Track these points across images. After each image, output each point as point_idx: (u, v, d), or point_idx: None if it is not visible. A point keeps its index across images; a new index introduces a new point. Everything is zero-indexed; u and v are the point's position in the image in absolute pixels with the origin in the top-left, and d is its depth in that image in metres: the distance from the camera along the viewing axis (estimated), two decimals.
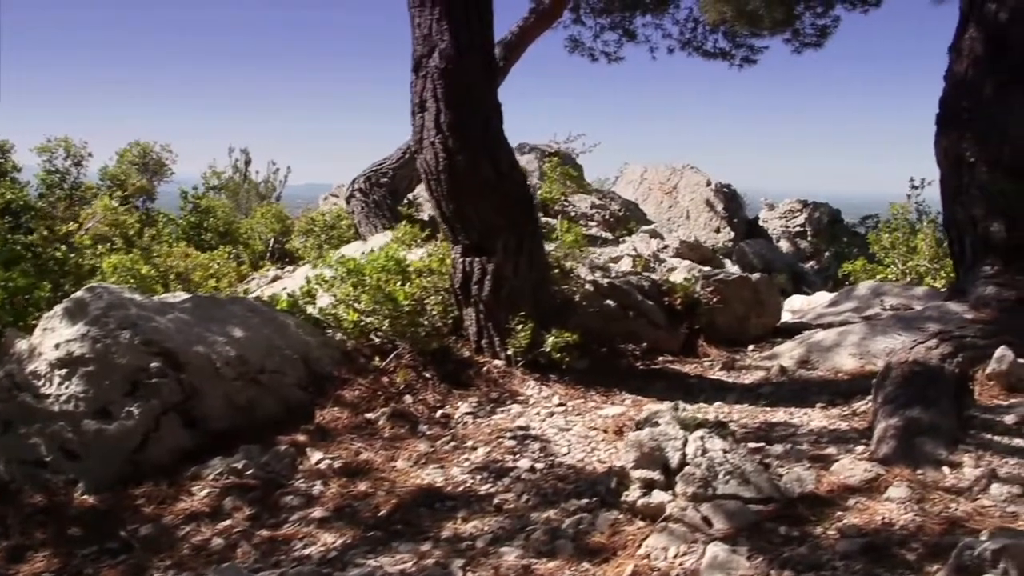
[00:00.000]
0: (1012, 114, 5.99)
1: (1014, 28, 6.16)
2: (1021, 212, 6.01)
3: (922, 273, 11.55)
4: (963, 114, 6.27)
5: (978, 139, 6.12)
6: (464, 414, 4.92)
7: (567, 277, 5.93)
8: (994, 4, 6.27)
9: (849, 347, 5.71)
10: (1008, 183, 6.02)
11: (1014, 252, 6.00)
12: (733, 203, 19.90)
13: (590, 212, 15.38)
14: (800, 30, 14.25)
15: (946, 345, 4.73)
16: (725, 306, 6.48)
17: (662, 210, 20.36)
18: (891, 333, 5.71)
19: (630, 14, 15.53)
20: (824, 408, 4.85)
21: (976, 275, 6.10)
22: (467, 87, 4.90)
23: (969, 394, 4.48)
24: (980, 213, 6.15)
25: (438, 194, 5.14)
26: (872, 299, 7.00)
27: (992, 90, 6.14)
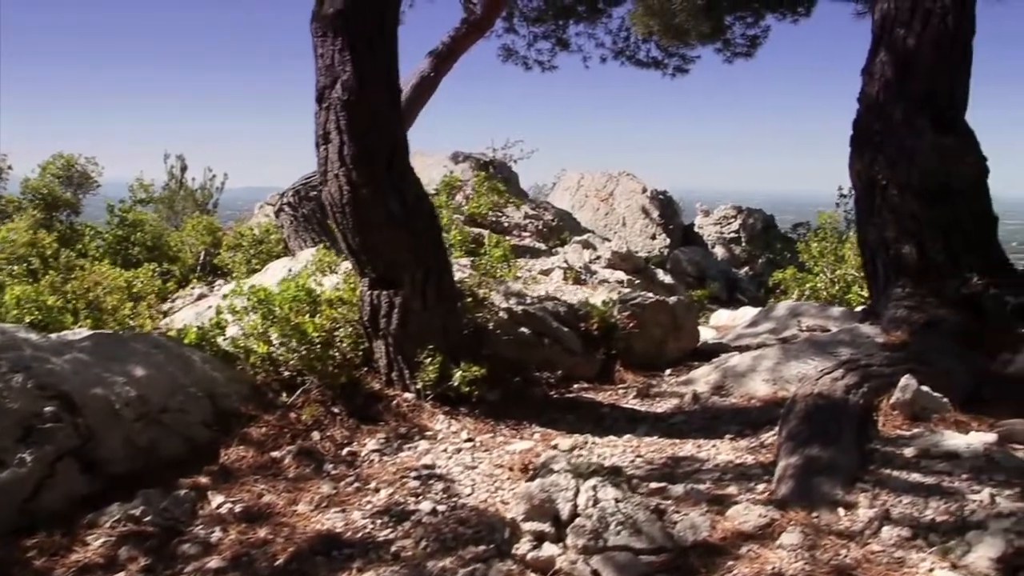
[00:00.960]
0: (920, 138, 6.04)
1: (921, 53, 6.23)
2: (931, 235, 6.07)
3: (849, 282, 11.67)
4: (875, 137, 6.32)
5: (889, 162, 6.17)
6: (371, 451, 4.83)
7: (481, 305, 5.88)
8: (903, 29, 6.33)
9: (763, 372, 5.72)
10: (918, 206, 6.08)
11: (925, 274, 6.06)
12: (668, 209, 20.03)
13: (523, 222, 15.33)
14: (731, 40, 14.39)
15: (852, 375, 4.75)
16: (642, 330, 6.47)
17: (598, 217, 20.44)
18: (804, 358, 5.73)
19: (563, 23, 15.58)
20: (733, 439, 4.84)
21: (889, 297, 6.16)
22: (371, 119, 4.82)
23: (873, 425, 4.50)
24: (892, 235, 6.21)
25: (343, 227, 5.06)
26: (790, 320, 7.04)
27: (902, 114, 6.20)
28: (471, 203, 12.66)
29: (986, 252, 6.20)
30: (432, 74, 13.51)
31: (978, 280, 5.96)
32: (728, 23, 14.10)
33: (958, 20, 6.28)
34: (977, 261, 6.06)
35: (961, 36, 6.34)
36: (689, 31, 11.82)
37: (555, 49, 16.06)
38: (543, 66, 16.31)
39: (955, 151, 6.07)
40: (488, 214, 13.06)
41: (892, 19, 6.42)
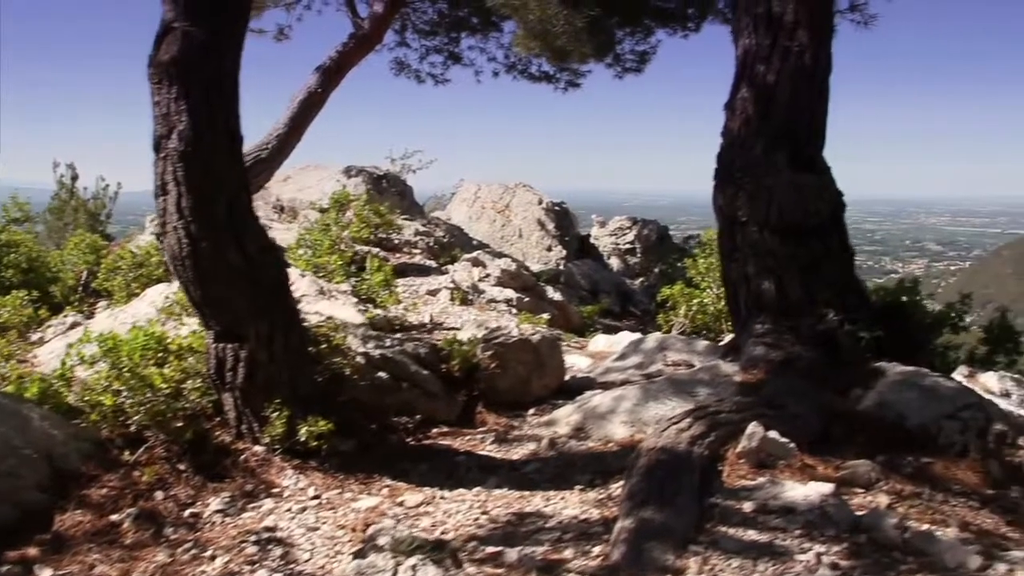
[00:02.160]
0: (779, 176, 6.12)
1: (780, 90, 6.30)
2: (789, 272, 6.14)
3: None
4: (736, 173, 6.37)
5: (748, 199, 6.23)
6: (214, 512, 4.63)
7: (337, 351, 5.73)
8: (763, 65, 6.40)
9: (622, 414, 5.69)
10: (777, 243, 6.15)
11: (783, 311, 6.13)
12: (565, 221, 20.09)
13: (414, 239, 15.21)
14: (621, 56, 14.49)
15: (699, 424, 4.76)
16: (506, 370, 6.40)
17: (495, 228, 20.41)
18: (663, 398, 5.72)
19: (456, 36, 15.51)
20: (583, 491, 4.79)
21: (749, 333, 6.21)
22: (209, 170, 4.65)
23: (717, 476, 4.51)
24: (752, 271, 6.27)
25: (185, 280, 4.88)
26: (656, 354, 7.04)
27: (761, 150, 6.27)
28: (351, 227, 12.46)
29: (843, 288, 6.30)
30: (319, 90, 13.33)
31: (834, 316, 6.05)
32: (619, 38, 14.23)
33: (815, 57, 6.37)
34: (834, 297, 6.16)
35: (819, 73, 6.43)
36: (571, 52, 11.84)
37: (448, 63, 16.00)
38: (436, 79, 16.22)
39: (812, 189, 6.17)
40: (370, 236, 12.89)
41: (753, 55, 6.49)
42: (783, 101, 6.29)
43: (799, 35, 6.33)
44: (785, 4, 6.38)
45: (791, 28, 6.35)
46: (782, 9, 6.38)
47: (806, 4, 6.37)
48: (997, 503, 4.77)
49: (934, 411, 5.39)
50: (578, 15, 10.86)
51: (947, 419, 5.35)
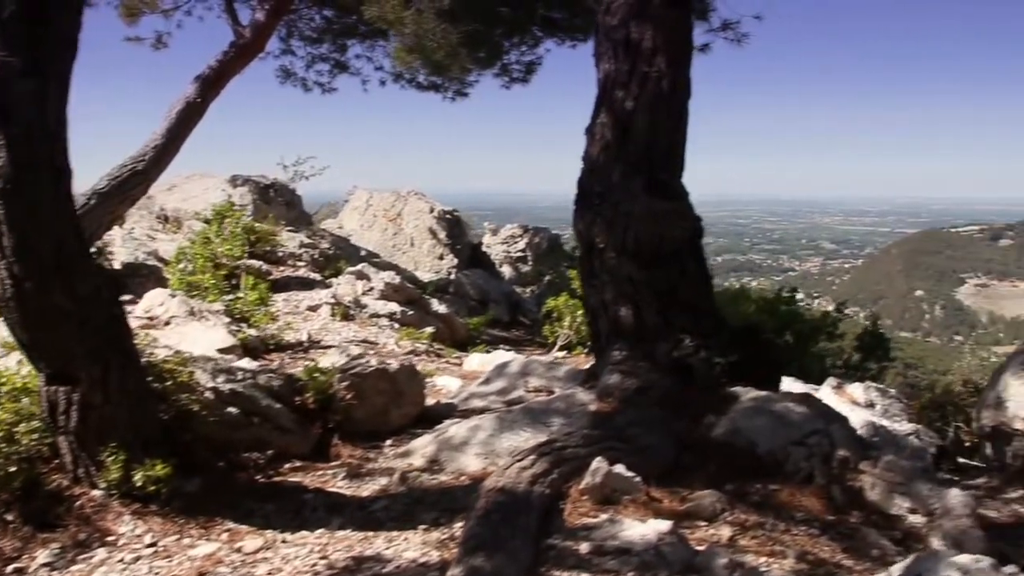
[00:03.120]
0: (635, 202, 6.14)
1: (638, 116, 6.33)
2: (646, 298, 6.18)
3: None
4: (594, 199, 6.38)
5: (606, 225, 6.24)
6: (41, 566, 4.39)
7: (184, 388, 5.55)
8: (622, 91, 6.42)
9: (476, 445, 5.63)
10: (634, 269, 6.18)
11: (640, 338, 6.16)
12: (456, 229, 20.05)
13: (299, 252, 14.99)
14: (508, 65, 14.50)
15: (543, 461, 4.72)
16: (363, 400, 6.29)
17: (387, 237, 20.28)
18: (518, 428, 5.69)
19: (343, 43, 15.34)
20: (427, 530, 4.70)
21: (606, 360, 6.23)
22: (33, 208, 4.44)
23: (559, 515, 4.49)
24: (610, 297, 6.29)
25: (11, 322, 4.66)
26: (519, 379, 7.01)
27: (619, 176, 6.29)
28: (225, 244, 12.19)
29: (700, 313, 6.35)
30: (198, 100, 13.02)
31: (690, 342, 6.10)
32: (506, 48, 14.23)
33: (673, 83, 6.42)
34: (691, 322, 6.21)
35: (677, 99, 6.49)
36: (450, 66, 11.80)
37: (334, 71, 15.82)
38: (323, 87, 16.05)
39: (668, 215, 6.21)
40: (243, 254, 12.62)
41: (612, 80, 6.51)
42: (641, 127, 6.32)
43: (657, 61, 6.37)
44: (643, 30, 6.41)
45: (649, 54, 6.38)
46: (640, 35, 6.41)
47: (664, 31, 6.42)
48: (837, 529, 4.86)
49: (783, 437, 5.47)
50: (455, 29, 10.82)
51: (795, 445, 5.44)
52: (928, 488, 5.07)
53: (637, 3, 6.46)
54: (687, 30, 6.68)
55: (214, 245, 12.63)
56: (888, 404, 9.86)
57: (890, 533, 4.89)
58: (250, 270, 12.80)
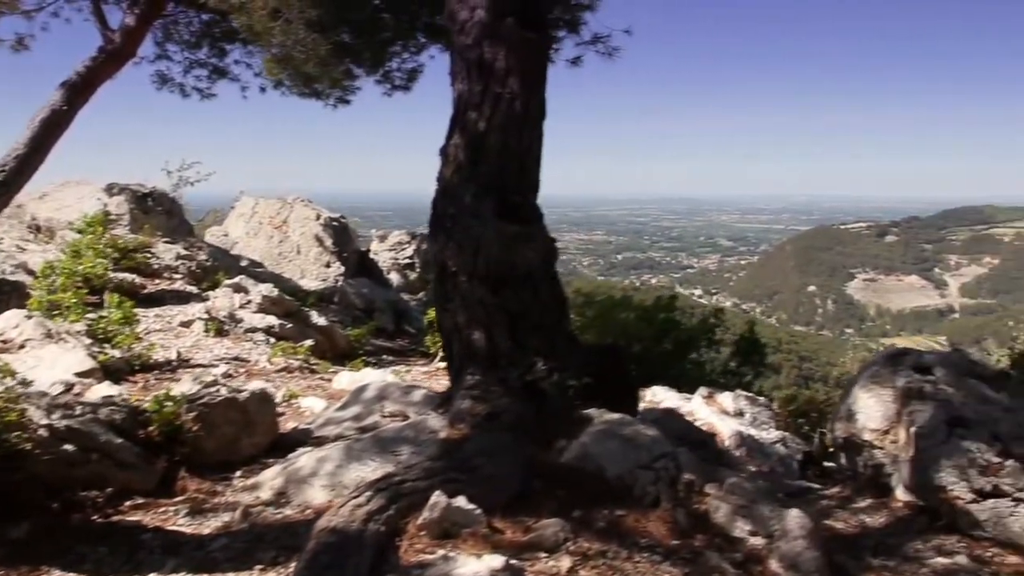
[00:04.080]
0: (485, 226, 6.11)
1: (490, 138, 6.30)
2: (498, 322, 6.15)
3: None
4: (446, 221, 6.34)
5: (458, 248, 6.20)
6: None
7: (13, 426, 5.30)
8: (475, 112, 6.38)
9: (323, 477, 5.50)
10: (485, 293, 6.14)
11: (493, 362, 6.14)
12: (343, 236, 19.82)
13: (175, 264, 14.62)
14: (390, 72, 14.36)
15: (379, 497, 4.63)
16: (212, 431, 6.11)
17: (273, 245, 19.98)
18: (366, 458, 5.58)
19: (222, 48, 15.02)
20: (264, 571, 4.57)
21: (460, 385, 6.18)
22: None
23: (394, 553, 4.41)
24: (463, 321, 6.25)
25: None
26: (375, 404, 6.87)
27: (471, 199, 6.25)
28: (85, 261, 11.80)
29: (554, 336, 6.36)
30: (65, 107, 12.56)
31: (543, 365, 6.10)
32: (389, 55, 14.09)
33: (526, 105, 6.41)
34: (544, 345, 6.21)
35: (530, 121, 6.48)
36: (320, 78, 11.63)
37: (213, 77, 15.49)
38: (202, 93, 15.68)
39: (519, 239, 6.19)
40: (108, 271, 12.24)
41: (466, 101, 6.47)
42: (493, 149, 6.30)
43: (511, 82, 6.35)
44: (497, 51, 6.38)
45: (503, 75, 6.36)
46: (494, 56, 6.38)
47: (518, 52, 6.40)
48: (679, 554, 4.88)
49: (631, 461, 5.50)
50: (324, 41, 10.65)
51: (643, 469, 5.47)
52: (769, 509, 5.14)
53: (491, 24, 6.42)
54: (542, 51, 6.68)
55: (84, 260, 12.23)
56: (757, 412, 10.07)
57: (731, 556, 4.94)
58: (120, 285, 12.44)
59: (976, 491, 5.77)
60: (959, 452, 5.97)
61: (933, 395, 6.45)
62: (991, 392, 6.71)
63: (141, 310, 11.81)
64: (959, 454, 5.95)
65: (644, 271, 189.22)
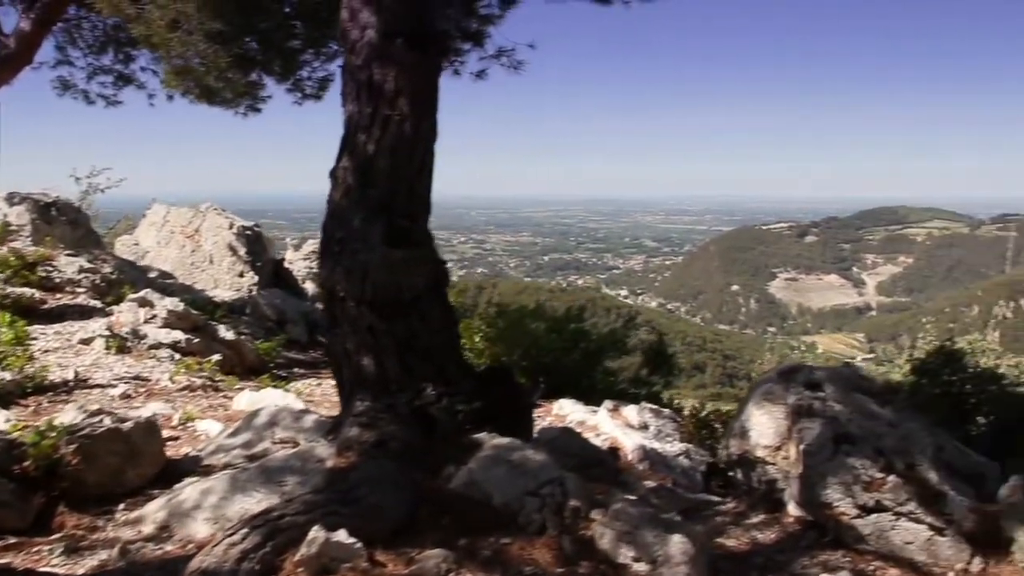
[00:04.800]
0: (372, 252, 6.06)
1: (379, 161, 6.25)
2: (387, 348, 6.11)
3: None
4: (335, 246, 6.27)
5: (345, 274, 6.14)
6: None
7: None
8: (364, 135, 6.33)
9: (207, 510, 5.39)
10: (374, 319, 6.10)
11: (383, 388, 6.09)
12: (257, 245, 19.56)
13: (78, 277, 14.26)
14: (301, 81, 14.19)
15: (256, 535, 4.54)
16: (94, 463, 5.94)
17: (185, 255, 19.64)
18: (251, 490, 5.48)
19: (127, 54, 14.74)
20: None
21: (349, 412, 6.12)
22: None
23: None
24: (352, 347, 6.19)
25: None
26: (266, 430, 6.74)
27: (360, 223, 6.19)
28: None
29: (444, 360, 6.33)
30: None
31: (432, 390, 6.07)
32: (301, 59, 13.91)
33: (416, 127, 6.36)
34: (434, 370, 6.18)
35: (420, 143, 6.43)
36: (222, 90, 11.45)
37: (119, 83, 15.18)
38: (107, 100, 15.39)
39: (407, 264, 6.15)
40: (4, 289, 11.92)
41: (355, 123, 6.41)
42: (382, 172, 6.25)
43: (400, 104, 6.31)
44: (387, 72, 6.33)
45: (392, 97, 6.31)
46: (383, 77, 6.33)
47: (408, 73, 6.35)
48: None
49: (518, 488, 5.49)
50: (225, 53, 10.49)
51: (529, 496, 5.45)
52: (653, 535, 5.17)
53: (380, 44, 6.37)
54: (432, 72, 6.64)
55: None
56: (662, 424, 10.16)
57: None
58: (18, 301, 12.12)
59: (860, 506, 5.91)
60: (844, 469, 6.10)
61: (822, 412, 6.58)
62: (877, 407, 6.86)
63: (40, 327, 11.53)
64: (844, 471, 6.09)
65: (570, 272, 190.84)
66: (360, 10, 6.51)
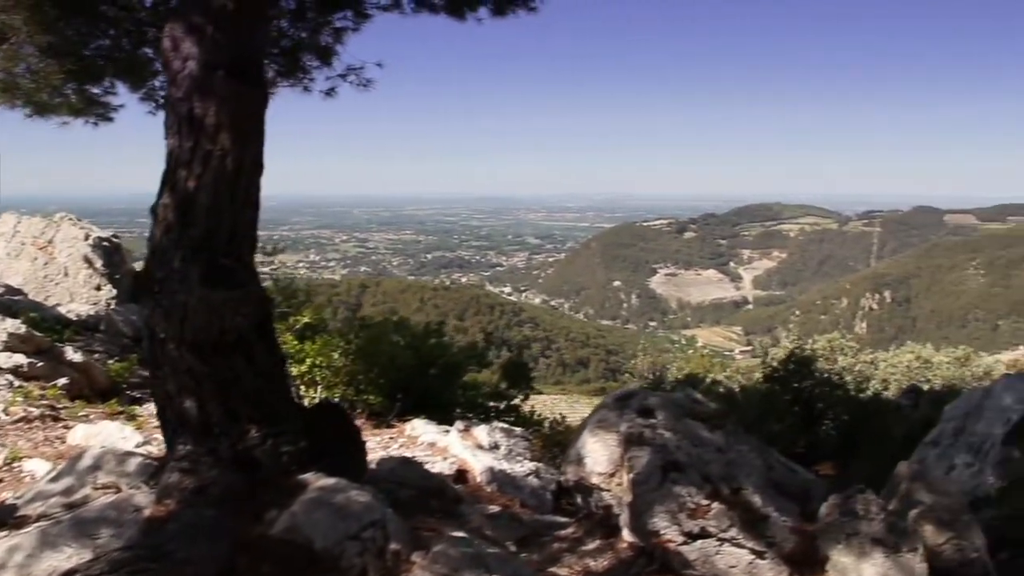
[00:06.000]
0: (191, 292, 5.90)
1: (200, 198, 6.08)
2: (209, 390, 5.96)
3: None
4: (155, 286, 6.09)
5: (165, 315, 5.96)
6: None
7: None
8: (185, 170, 6.14)
9: (12, 569, 5.08)
10: (195, 361, 5.94)
11: (206, 431, 5.95)
12: (115, 257, 18.98)
13: None
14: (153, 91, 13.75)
15: None
16: None
17: (38, 267, 18.92)
18: (62, 545, 5.20)
19: None
20: None
21: (172, 457, 5.97)
22: None
23: None
24: (174, 389, 6.02)
25: None
26: (89, 475, 6.47)
27: (179, 263, 6.02)
28: None
29: (270, 401, 6.21)
30: None
31: (256, 432, 5.96)
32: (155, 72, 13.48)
33: (239, 162, 6.21)
34: (259, 411, 6.07)
35: (243, 178, 6.27)
36: (57, 107, 10.99)
37: None
38: None
39: (227, 304, 6.00)
40: None
41: (176, 158, 6.22)
42: (202, 210, 6.07)
43: (221, 139, 6.14)
44: (207, 105, 6.15)
45: (213, 131, 6.14)
46: (204, 111, 6.15)
47: (229, 107, 6.19)
48: None
49: (340, 532, 5.42)
50: (58, 68, 10.07)
51: (350, 540, 5.39)
52: None
53: (201, 76, 6.19)
54: (256, 105, 6.47)
55: None
56: (513, 443, 10.22)
57: None
58: None
59: (686, 533, 6.05)
60: (671, 497, 6.24)
61: (651, 440, 6.71)
62: (707, 433, 7.04)
63: None
64: (671, 499, 6.23)
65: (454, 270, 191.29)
66: (183, 40, 6.31)
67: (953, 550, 5.86)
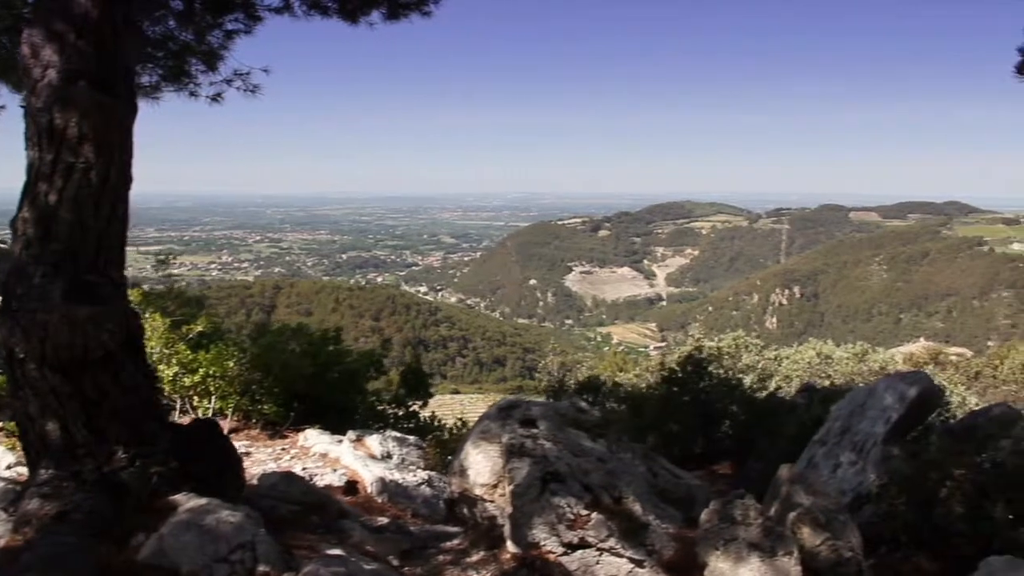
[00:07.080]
0: (52, 310, 5.68)
1: (62, 213, 5.87)
2: (73, 411, 5.76)
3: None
4: (13, 303, 5.84)
5: (24, 334, 5.72)
6: None
7: None
8: (45, 184, 5.91)
9: None
10: (58, 381, 5.73)
11: (70, 455, 5.74)
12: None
13: None
14: None
15: None
16: None
17: None
18: None
19: None
20: None
21: (32, 482, 5.75)
22: None
23: None
24: (35, 411, 5.79)
25: None
26: None
27: (40, 279, 5.79)
28: None
29: (140, 420, 6.03)
30: None
31: (124, 453, 5.78)
32: None
33: (104, 176, 6.00)
34: (128, 431, 5.88)
35: (109, 193, 6.06)
36: None
37: None
38: None
39: (91, 321, 5.80)
40: None
41: (36, 171, 5.99)
42: (65, 225, 5.85)
43: (85, 151, 5.92)
44: (68, 117, 5.92)
45: (75, 143, 5.92)
46: (65, 122, 5.92)
47: (93, 118, 5.97)
48: None
49: (208, 555, 5.28)
50: None
51: (218, 563, 5.27)
52: None
53: (61, 86, 5.96)
54: (123, 116, 6.27)
55: None
56: (406, 452, 10.13)
57: None
58: None
59: (566, 544, 6.04)
60: (550, 508, 6.22)
61: (532, 451, 6.68)
62: (589, 443, 7.05)
63: None
64: (550, 510, 6.21)
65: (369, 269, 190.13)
66: (42, 47, 6.07)
67: (829, 550, 5.92)
